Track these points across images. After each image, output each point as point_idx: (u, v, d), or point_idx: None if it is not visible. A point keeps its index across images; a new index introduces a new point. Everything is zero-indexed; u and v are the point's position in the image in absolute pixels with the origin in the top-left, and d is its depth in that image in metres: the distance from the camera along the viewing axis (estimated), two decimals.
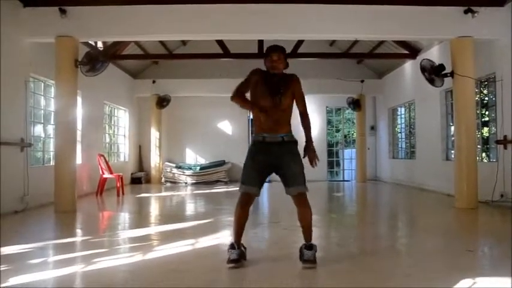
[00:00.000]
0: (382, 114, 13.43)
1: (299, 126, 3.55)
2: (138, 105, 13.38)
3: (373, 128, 13.86)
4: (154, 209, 7.97)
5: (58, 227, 5.85)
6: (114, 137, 12.08)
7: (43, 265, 3.60)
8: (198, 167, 12.86)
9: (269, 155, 3.40)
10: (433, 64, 7.25)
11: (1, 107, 6.28)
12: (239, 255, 3.43)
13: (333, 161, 14.59)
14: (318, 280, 3.27)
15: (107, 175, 9.25)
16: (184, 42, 12.75)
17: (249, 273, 3.38)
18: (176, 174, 12.73)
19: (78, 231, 5.61)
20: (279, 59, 3.45)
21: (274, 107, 3.38)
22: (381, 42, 10.81)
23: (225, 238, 4.79)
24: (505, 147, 6.97)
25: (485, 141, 8.62)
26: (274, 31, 7.19)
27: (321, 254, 3.78)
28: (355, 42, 11.42)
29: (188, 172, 12.69)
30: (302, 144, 3.50)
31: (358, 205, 8.70)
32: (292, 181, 3.35)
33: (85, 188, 9.11)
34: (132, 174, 12.70)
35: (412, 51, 10.32)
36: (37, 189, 7.02)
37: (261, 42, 9.71)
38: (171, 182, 12.66)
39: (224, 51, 9.64)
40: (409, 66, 11.01)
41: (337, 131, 15.25)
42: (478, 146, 7.93)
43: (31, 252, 4.05)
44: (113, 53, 10.12)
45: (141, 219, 6.65)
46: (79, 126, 8.34)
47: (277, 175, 3.50)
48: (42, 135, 8.15)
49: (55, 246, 4.38)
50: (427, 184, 9.94)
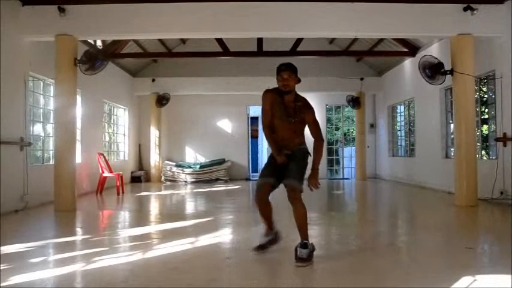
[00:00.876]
0: (381, 112, 13.43)
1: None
2: (138, 104, 13.37)
3: (372, 126, 13.86)
4: (154, 208, 7.97)
5: (58, 226, 5.85)
6: (113, 135, 12.07)
7: (43, 264, 3.60)
8: (198, 166, 12.86)
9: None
10: (432, 61, 7.22)
11: (0, 106, 6.27)
12: (268, 241, 3.76)
13: (333, 159, 14.59)
14: (318, 279, 3.27)
15: (106, 174, 9.25)
16: (183, 41, 12.73)
17: (249, 272, 3.39)
18: (176, 173, 12.73)
19: (78, 230, 5.61)
20: (289, 77, 3.60)
21: (284, 128, 3.66)
22: (380, 40, 10.80)
23: (225, 236, 4.80)
24: (505, 145, 6.98)
25: (485, 138, 8.62)
26: (273, 29, 7.18)
27: (321, 252, 3.78)
28: (355, 40, 11.40)
29: (188, 171, 12.69)
30: (308, 144, 3.73)
31: (358, 203, 8.71)
32: (286, 174, 3.54)
33: (85, 186, 9.10)
34: (131, 173, 12.69)
35: (411, 49, 10.31)
36: (37, 188, 7.01)
37: (260, 41, 9.71)
38: (171, 180, 12.66)
39: (224, 50, 9.63)
40: (408, 64, 11.00)
41: (337, 129, 15.26)
42: (478, 143, 7.94)
43: (31, 251, 4.06)
44: (112, 52, 10.11)
45: (141, 217, 6.66)
46: (78, 125, 8.34)
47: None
48: (42, 134, 8.14)
49: (55, 245, 4.38)
50: (426, 182, 9.94)
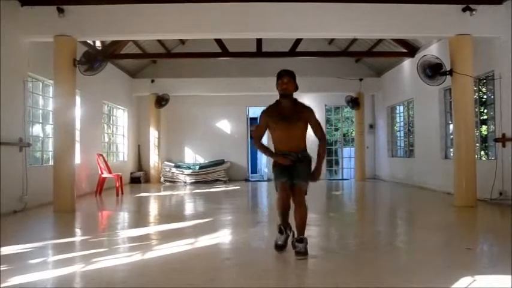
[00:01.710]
0: (380, 112, 13.43)
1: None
2: (137, 105, 13.37)
3: (372, 126, 13.86)
4: (153, 209, 7.97)
5: (57, 227, 5.85)
6: (113, 136, 12.06)
7: (42, 265, 3.60)
8: (197, 166, 12.85)
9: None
10: (432, 61, 7.22)
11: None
12: (285, 240, 3.83)
13: (332, 160, 14.59)
14: (317, 279, 3.27)
15: (105, 175, 9.24)
16: (182, 41, 12.74)
17: (249, 271, 3.39)
18: (175, 174, 12.72)
19: (77, 231, 5.61)
20: (289, 82, 3.76)
21: (287, 135, 3.77)
22: (379, 41, 10.81)
23: (224, 237, 4.79)
24: (504, 145, 6.98)
25: (484, 139, 8.63)
26: (272, 30, 7.18)
27: (321, 252, 3.79)
28: (354, 40, 11.41)
29: (187, 171, 12.68)
30: (307, 144, 3.88)
31: (357, 203, 8.71)
32: (296, 175, 3.70)
33: (84, 187, 9.10)
34: (131, 173, 12.68)
35: (410, 49, 10.32)
36: (36, 189, 7.00)
37: (259, 41, 9.71)
38: (170, 181, 12.65)
39: (223, 50, 9.63)
40: (407, 64, 11.01)
41: (336, 130, 15.26)
42: (477, 144, 7.94)
43: (30, 252, 4.05)
44: (111, 52, 10.10)
45: (140, 218, 6.65)
46: (78, 125, 8.33)
47: None
48: (41, 134, 8.14)
49: (54, 246, 4.37)
50: (426, 182, 9.95)
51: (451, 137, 8.49)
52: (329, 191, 10.53)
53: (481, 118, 8.43)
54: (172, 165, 12.96)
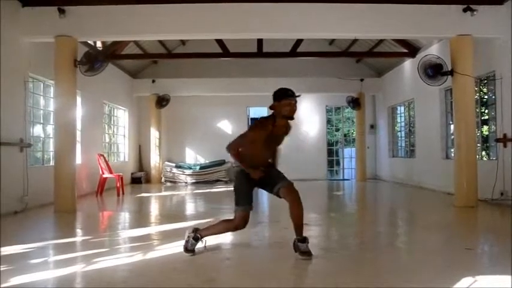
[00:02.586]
0: (381, 112, 13.42)
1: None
2: (138, 105, 13.38)
3: (372, 126, 13.85)
4: (154, 209, 7.97)
5: (58, 227, 5.85)
6: (113, 136, 12.07)
7: (43, 265, 3.60)
8: (198, 167, 12.86)
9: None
10: (434, 61, 7.21)
11: (0, 107, 6.27)
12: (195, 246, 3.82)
13: (333, 160, 14.58)
14: (318, 279, 3.27)
15: (106, 175, 9.25)
16: (183, 42, 12.74)
17: (249, 272, 3.39)
18: (176, 174, 12.73)
19: (78, 231, 5.61)
20: (296, 104, 3.61)
21: (269, 152, 3.81)
22: (380, 41, 10.80)
23: (225, 237, 4.78)
24: (505, 146, 6.97)
25: (485, 139, 8.62)
26: (273, 30, 7.19)
27: (321, 252, 3.79)
28: (355, 41, 11.41)
29: (188, 172, 12.69)
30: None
31: (358, 204, 8.70)
32: (277, 181, 3.67)
33: (85, 188, 9.10)
34: (132, 174, 12.69)
35: (411, 49, 10.31)
36: (37, 190, 7.01)
37: (260, 42, 9.71)
38: (171, 181, 12.66)
39: (223, 51, 9.63)
40: (408, 64, 11.00)
41: (337, 130, 15.26)
42: (478, 144, 7.93)
43: (31, 252, 4.06)
44: (112, 53, 10.11)
45: (141, 218, 6.65)
46: (78, 126, 8.34)
47: (264, 189, 3.81)
48: (42, 135, 8.15)
49: (55, 246, 4.38)
50: (426, 182, 9.94)
51: (452, 137, 8.47)
52: (330, 191, 10.52)
53: (482, 118, 8.41)
54: (173, 165, 12.97)
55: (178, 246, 4.19)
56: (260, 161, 3.71)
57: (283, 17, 6.99)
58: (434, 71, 7.16)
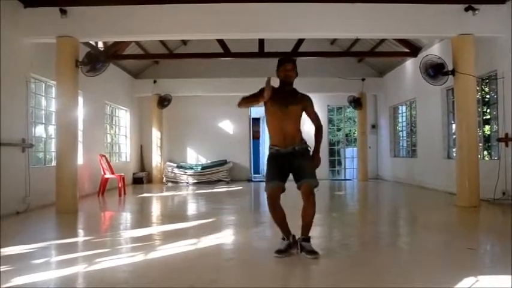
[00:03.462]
0: (383, 112, 13.41)
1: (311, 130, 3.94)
2: (139, 105, 13.39)
3: (374, 126, 13.84)
4: (156, 209, 7.97)
5: (60, 228, 5.86)
6: (115, 137, 12.08)
7: (45, 265, 3.61)
8: (200, 167, 12.86)
9: (284, 160, 3.75)
10: (435, 61, 7.20)
11: (2, 108, 6.28)
12: (287, 246, 3.71)
13: (335, 160, 14.57)
14: (318, 279, 3.27)
15: (108, 175, 9.26)
16: (184, 42, 12.76)
17: (251, 272, 3.39)
18: (177, 174, 12.73)
19: (80, 232, 5.63)
20: (292, 69, 3.82)
21: (282, 116, 3.74)
22: (381, 41, 10.80)
23: (227, 238, 4.79)
24: (507, 145, 6.96)
25: (487, 139, 8.60)
26: (275, 30, 7.18)
27: (323, 252, 3.78)
28: (356, 40, 11.41)
29: (189, 172, 12.70)
30: (310, 144, 3.93)
31: (360, 204, 8.70)
32: (301, 175, 3.65)
33: (87, 188, 9.11)
34: (133, 174, 12.71)
35: (413, 49, 10.30)
36: (38, 190, 7.02)
37: (261, 42, 9.71)
38: (173, 181, 12.66)
39: (225, 51, 9.63)
40: (410, 64, 10.99)
41: (339, 130, 15.23)
42: (480, 144, 7.91)
43: (33, 252, 4.06)
44: (113, 53, 10.12)
45: (142, 219, 6.65)
46: (80, 126, 8.34)
47: (292, 176, 3.76)
48: (44, 135, 8.16)
49: (57, 247, 4.39)
50: (428, 182, 9.93)
51: (454, 136, 8.46)
52: (332, 191, 10.51)
53: (484, 118, 8.39)
54: (175, 165, 12.98)
55: (181, 247, 4.21)
56: (279, 136, 3.76)
57: (284, 16, 6.98)
58: (435, 70, 7.15)
